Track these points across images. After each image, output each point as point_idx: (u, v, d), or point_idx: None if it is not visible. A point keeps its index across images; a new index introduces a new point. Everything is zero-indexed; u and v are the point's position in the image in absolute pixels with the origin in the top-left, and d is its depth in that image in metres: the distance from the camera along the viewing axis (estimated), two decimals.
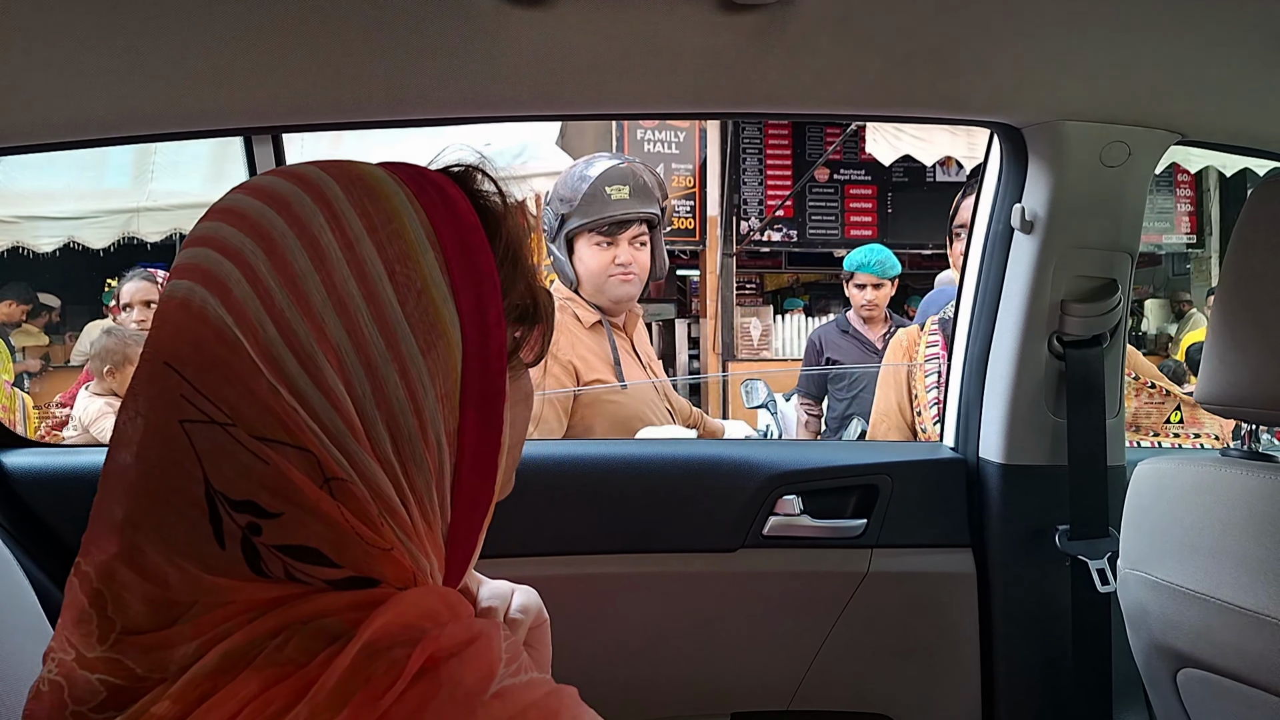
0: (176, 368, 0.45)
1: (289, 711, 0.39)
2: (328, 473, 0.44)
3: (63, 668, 0.44)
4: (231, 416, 0.44)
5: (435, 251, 0.50)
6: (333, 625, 0.43)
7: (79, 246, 4.89)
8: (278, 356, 0.44)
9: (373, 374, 0.46)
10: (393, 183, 0.51)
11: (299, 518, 0.44)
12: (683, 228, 6.86)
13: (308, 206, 0.47)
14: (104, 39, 0.86)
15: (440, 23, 0.87)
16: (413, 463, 0.48)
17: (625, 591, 1.22)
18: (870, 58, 0.97)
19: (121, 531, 0.44)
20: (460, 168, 0.57)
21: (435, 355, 0.48)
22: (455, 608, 0.47)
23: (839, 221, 7.22)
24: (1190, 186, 7.40)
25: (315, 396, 0.45)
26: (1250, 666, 0.86)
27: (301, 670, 0.41)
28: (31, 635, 0.88)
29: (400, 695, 0.41)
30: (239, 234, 0.46)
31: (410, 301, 0.48)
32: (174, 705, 0.41)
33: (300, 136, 4.36)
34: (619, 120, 6.40)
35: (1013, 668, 1.27)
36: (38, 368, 5.71)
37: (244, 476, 0.43)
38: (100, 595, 0.44)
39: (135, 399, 0.46)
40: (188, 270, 0.47)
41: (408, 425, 0.47)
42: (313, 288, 0.46)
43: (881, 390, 2.03)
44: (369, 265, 0.47)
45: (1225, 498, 0.89)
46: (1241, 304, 0.90)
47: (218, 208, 0.49)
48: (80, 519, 0.47)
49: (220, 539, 0.43)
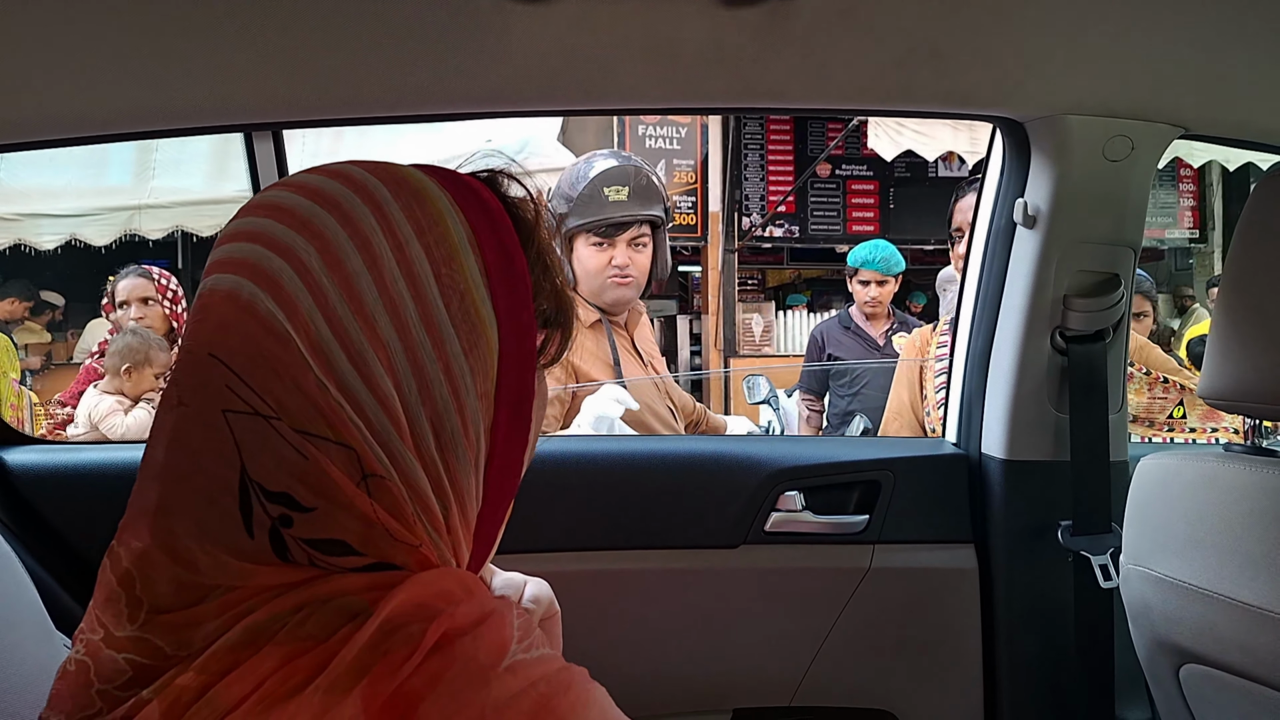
0: (223, 359, 0.45)
1: (310, 683, 0.41)
2: (367, 469, 0.45)
3: (90, 647, 0.45)
4: (276, 410, 0.45)
5: (476, 255, 0.51)
6: (352, 603, 0.44)
7: (81, 244, 4.90)
8: (328, 353, 0.45)
9: (420, 373, 0.48)
10: (435, 187, 0.52)
11: (332, 513, 0.45)
12: (684, 223, 6.85)
13: (359, 207, 0.48)
14: (104, 35, 0.86)
15: (441, 19, 0.87)
16: (455, 458, 0.49)
17: (627, 587, 1.22)
18: (872, 52, 0.97)
19: (155, 516, 0.45)
20: (488, 173, 0.59)
21: (477, 355, 0.50)
22: (470, 588, 0.48)
23: (841, 217, 7.21)
24: (1193, 181, 7.37)
25: (363, 393, 0.46)
26: (1253, 662, 0.86)
27: (322, 645, 0.42)
28: (33, 632, 0.88)
29: (416, 668, 0.42)
30: (289, 231, 0.47)
31: (455, 303, 0.49)
32: (198, 676, 0.42)
33: (301, 134, 4.35)
34: (620, 115, 6.39)
35: (1015, 664, 1.27)
36: (39, 365, 5.72)
37: (282, 468, 0.44)
38: (129, 575, 0.45)
39: (176, 388, 0.47)
40: (232, 264, 0.47)
41: (451, 423, 0.49)
42: (365, 287, 0.47)
43: (895, 388, 2.03)
44: (418, 266, 0.48)
45: (1228, 493, 0.88)
46: (1244, 299, 0.89)
47: (261, 203, 0.50)
48: (82, 516, 0.47)
49: (250, 529, 0.44)
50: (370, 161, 0.53)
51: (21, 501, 1.15)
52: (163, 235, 4.89)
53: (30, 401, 3.03)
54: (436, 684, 0.42)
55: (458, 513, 0.50)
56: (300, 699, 0.40)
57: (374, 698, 0.41)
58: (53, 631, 0.90)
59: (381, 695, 0.41)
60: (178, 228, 4.87)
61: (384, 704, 0.41)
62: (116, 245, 4.90)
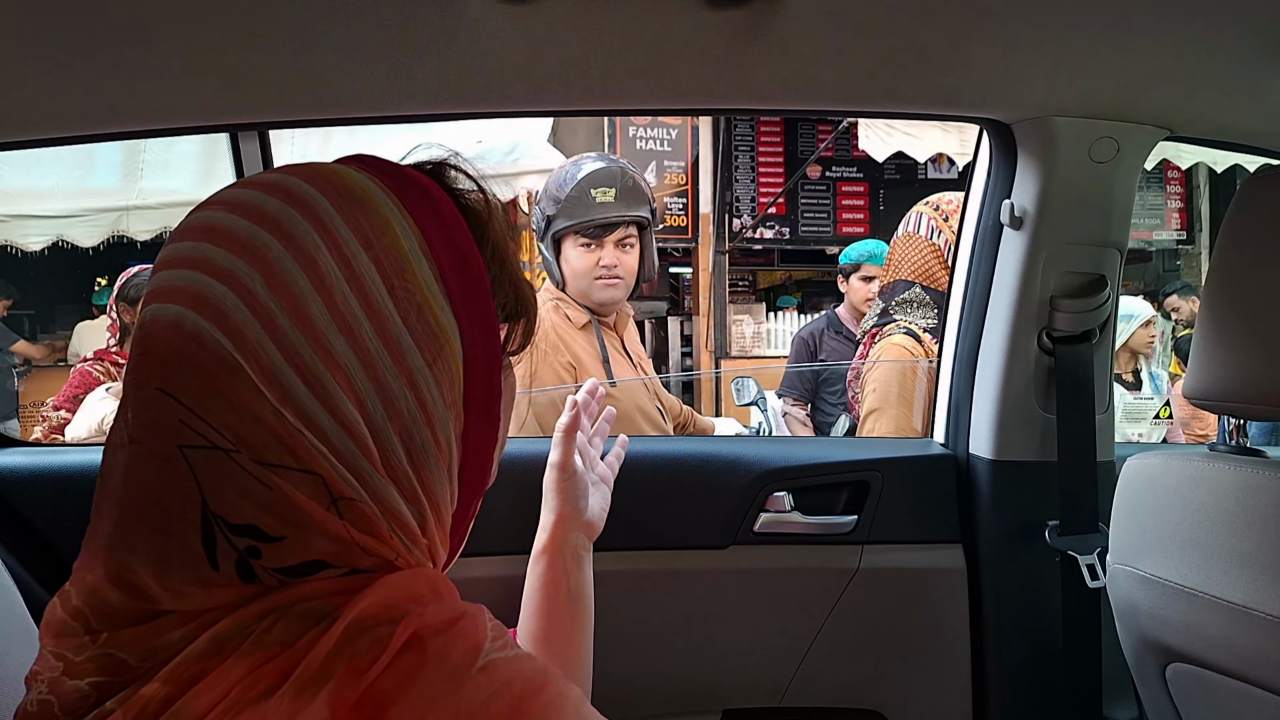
0: (174, 394, 0.43)
1: (276, 690, 0.40)
2: (336, 493, 0.44)
3: (52, 685, 0.44)
4: (235, 443, 0.43)
5: (430, 261, 0.49)
6: (319, 608, 0.43)
7: (67, 245, 4.86)
8: (282, 380, 0.44)
9: (383, 390, 0.46)
10: (378, 190, 0.50)
11: (303, 539, 0.44)
12: (675, 225, 6.86)
13: (300, 224, 0.46)
14: (89, 34, 0.86)
15: (428, 20, 0.86)
16: (428, 469, 0.49)
17: (616, 589, 1.21)
18: (859, 53, 0.97)
19: (109, 552, 0.44)
20: (432, 164, 0.56)
21: (441, 364, 0.49)
22: (439, 589, 0.47)
23: (831, 219, 7.23)
24: (1180, 183, 7.42)
25: (323, 417, 0.44)
26: (1238, 661, 0.86)
27: (289, 650, 0.42)
28: (17, 637, 0.87)
29: (386, 668, 0.41)
30: (230, 256, 0.45)
31: (411, 314, 0.48)
32: (163, 687, 0.41)
33: (290, 134, 4.32)
34: (609, 117, 6.39)
35: (1003, 663, 1.27)
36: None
37: (246, 501, 0.43)
38: (81, 612, 0.44)
39: (126, 426, 0.45)
40: (173, 293, 0.45)
41: (421, 435, 0.48)
42: (315, 308, 0.45)
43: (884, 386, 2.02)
44: (368, 281, 0.47)
45: (1213, 493, 0.89)
46: (1229, 299, 0.90)
47: (194, 226, 0.47)
48: (66, 519, 0.47)
49: (214, 561, 0.43)
50: (305, 166, 0.50)
51: (4, 504, 1.14)
52: (151, 236, 4.86)
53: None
54: (408, 685, 0.41)
55: (433, 519, 0.50)
56: (267, 705, 0.40)
57: (342, 701, 0.40)
58: (35, 633, 0.89)
59: (349, 698, 0.40)
60: (165, 229, 4.83)
61: (352, 707, 0.40)
62: (104, 247, 4.87)
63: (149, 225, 4.81)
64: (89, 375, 2.71)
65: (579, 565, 0.95)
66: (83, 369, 2.76)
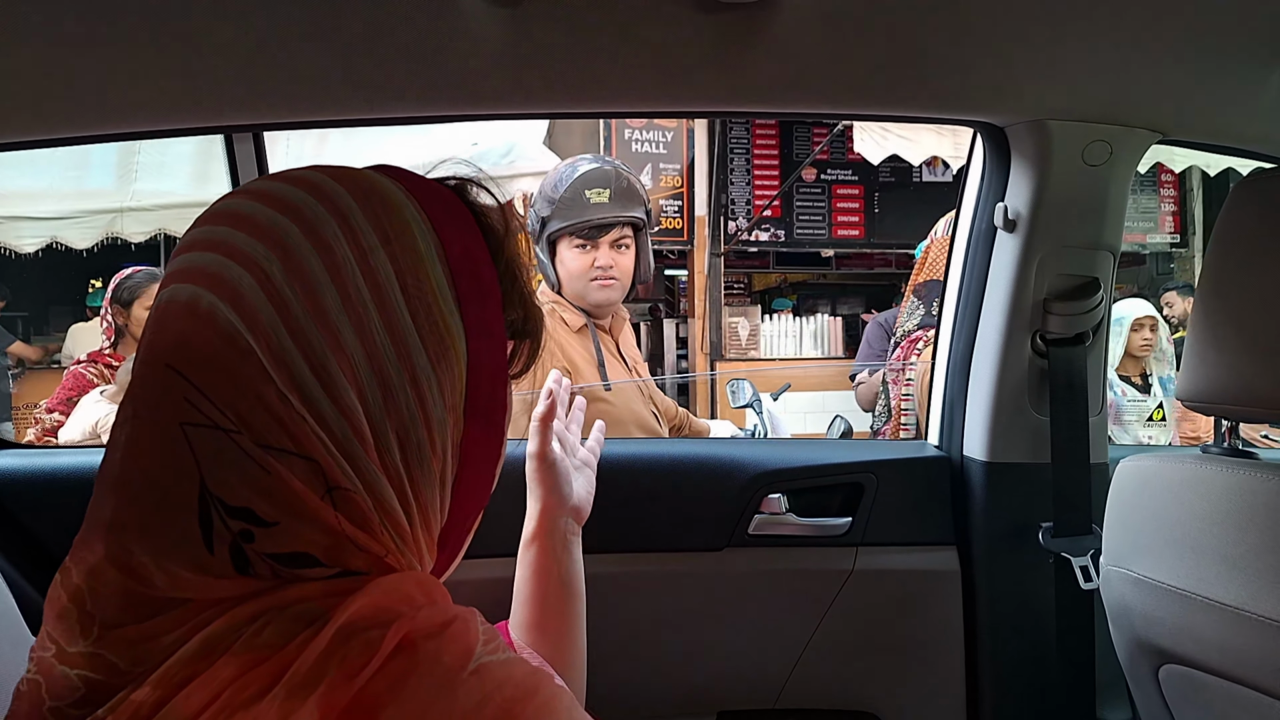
0: (182, 371, 0.44)
1: (267, 693, 0.40)
2: (331, 482, 0.45)
3: (42, 665, 0.44)
4: (237, 424, 0.43)
5: (443, 265, 0.50)
6: (310, 610, 0.43)
7: (62, 247, 4.85)
8: (291, 364, 0.44)
9: (385, 384, 0.47)
10: (402, 194, 0.51)
11: (295, 527, 0.44)
12: (671, 227, 6.86)
13: (321, 215, 0.47)
14: (84, 35, 0.86)
15: (421, 22, 0.86)
16: (419, 472, 0.49)
17: (611, 591, 1.21)
18: (853, 56, 0.97)
19: (109, 531, 0.44)
20: (457, 180, 0.58)
21: (444, 366, 0.49)
22: (430, 592, 0.47)
23: (826, 221, 7.24)
24: (1174, 186, 7.45)
25: (326, 405, 0.45)
26: (1231, 662, 0.87)
27: (280, 653, 0.41)
28: (9, 638, 0.87)
29: (377, 672, 0.41)
30: (250, 240, 0.46)
31: (420, 313, 0.48)
32: (154, 691, 0.41)
33: (285, 136, 4.31)
34: (604, 119, 6.39)
35: (997, 665, 1.28)
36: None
37: (243, 483, 0.43)
38: (80, 591, 0.44)
39: (132, 402, 0.46)
40: (191, 274, 0.46)
41: (417, 436, 0.48)
42: (328, 297, 0.46)
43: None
44: (382, 275, 0.47)
45: (1206, 495, 0.89)
46: (1221, 302, 0.90)
47: (219, 212, 0.48)
48: (58, 520, 0.47)
49: (209, 543, 0.43)
50: (336, 167, 0.52)
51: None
52: (145, 238, 4.85)
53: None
54: (399, 689, 0.41)
55: (420, 525, 0.49)
56: (258, 709, 0.40)
57: (332, 705, 0.40)
58: (28, 636, 0.89)
59: (340, 702, 0.40)
60: (160, 231, 4.82)
61: (343, 711, 0.40)
62: (98, 248, 4.86)
63: (144, 227, 4.80)
64: (83, 377, 2.71)
65: (568, 550, 0.96)
66: (76, 371, 2.75)
